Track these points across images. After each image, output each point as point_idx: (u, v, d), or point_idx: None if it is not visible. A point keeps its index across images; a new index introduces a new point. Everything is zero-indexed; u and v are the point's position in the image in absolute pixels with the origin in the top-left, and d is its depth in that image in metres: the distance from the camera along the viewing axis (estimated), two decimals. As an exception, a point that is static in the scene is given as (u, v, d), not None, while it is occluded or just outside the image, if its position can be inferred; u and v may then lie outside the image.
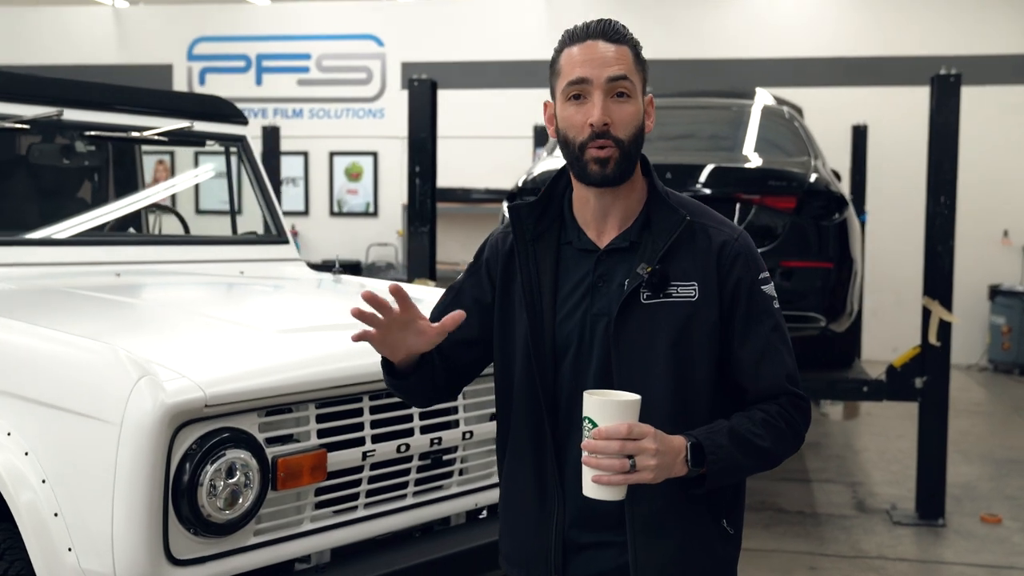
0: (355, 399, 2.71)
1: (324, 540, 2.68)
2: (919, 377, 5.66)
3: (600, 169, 1.86)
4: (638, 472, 1.71)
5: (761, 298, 1.92)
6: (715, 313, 1.89)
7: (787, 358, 1.93)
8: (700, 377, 1.89)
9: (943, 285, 5.69)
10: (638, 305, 1.87)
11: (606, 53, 1.86)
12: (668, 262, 1.88)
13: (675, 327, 1.87)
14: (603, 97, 1.85)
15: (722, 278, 1.90)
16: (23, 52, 12.74)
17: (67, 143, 3.89)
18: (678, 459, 1.76)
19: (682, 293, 1.88)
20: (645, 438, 1.71)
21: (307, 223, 12.61)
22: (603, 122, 1.84)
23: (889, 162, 10.62)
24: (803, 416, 1.94)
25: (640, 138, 1.90)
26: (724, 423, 1.85)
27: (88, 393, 2.36)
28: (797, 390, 1.93)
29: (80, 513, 2.34)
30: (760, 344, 1.91)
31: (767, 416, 1.88)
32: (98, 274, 3.52)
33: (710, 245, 1.91)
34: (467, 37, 12.20)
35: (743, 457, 1.84)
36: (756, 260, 1.95)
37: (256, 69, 12.82)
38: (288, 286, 3.88)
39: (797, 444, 1.94)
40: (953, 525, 5.58)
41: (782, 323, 1.95)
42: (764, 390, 1.91)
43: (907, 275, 9.54)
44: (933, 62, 7.30)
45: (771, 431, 1.87)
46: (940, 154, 5.69)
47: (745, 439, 1.84)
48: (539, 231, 1.98)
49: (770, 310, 1.93)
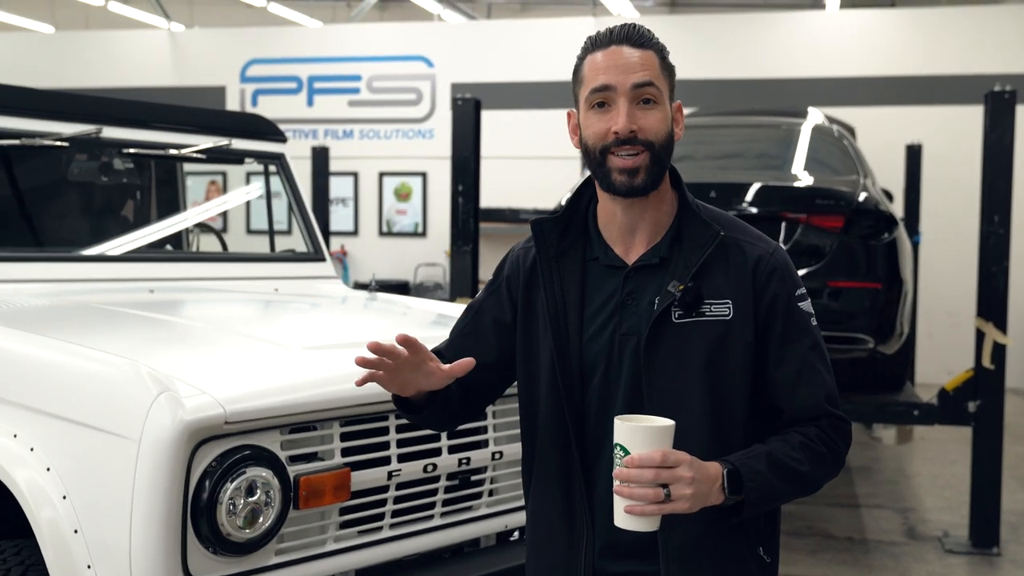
0: (381, 417, 2.67)
1: (348, 560, 2.63)
2: (972, 401, 5.51)
3: (627, 180, 1.79)
4: (673, 502, 1.63)
5: (799, 315, 1.84)
6: (750, 332, 1.81)
7: (826, 378, 1.85)
8: (736, 398, 1.82)
9: (997, 306, 5.55)
10: (670, 324, 1.80)
11: (631, 59, 1.80)
12: (701, 279, 1.80)
13: (709, 347, 1.80)
14: (628, 104, 1.78)
15: (757, 295, 1.82)
16: (81, 75, 12.98)
17: (106, 160, 3.91)
18: (715, 487, 1.69)
19: (716, 311, 1.80)
20: (681, 466, 1.63)
21: (356, 243, 12.67)
22: (629, 129, 1.77)
23: (944, 182, 10.42)
24: (844, 439, 1.85)
25: (670, 145, 1.83)
26: (761, 448, 1.78)
27: (109, 408, 2.34)
28: (837, 411, 1.85)
29: (99, 530, 2.32)
30: (797, 363, 1.82)
31: (806, 439, 1.80)
32: (132, 291, 3.53)
33: (745, 261, 1.83)
34: (517, 57, 12.22)
35: (781, 483, 1.76)
36: (793, 276, 1.87)
37: (308, 90, 12.93)
38: (321, 304, 3.86)
39: (837, 468, 1.86)
40: (1008, 554, 5.40)
41: (821, 341, 1.87)
42: (802, 411, 1.82)
43: (963, 297, 9.32)
44: (987, 80, 7.14)
45: (810, 455, 1.79)
46: (994, 172, 5.56)
47: (784, 464, 1.76)
48: (563, 247, 1.91)
49: (808, 328, 1.85)
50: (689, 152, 6.83)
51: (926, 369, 9.70)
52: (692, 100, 10.60)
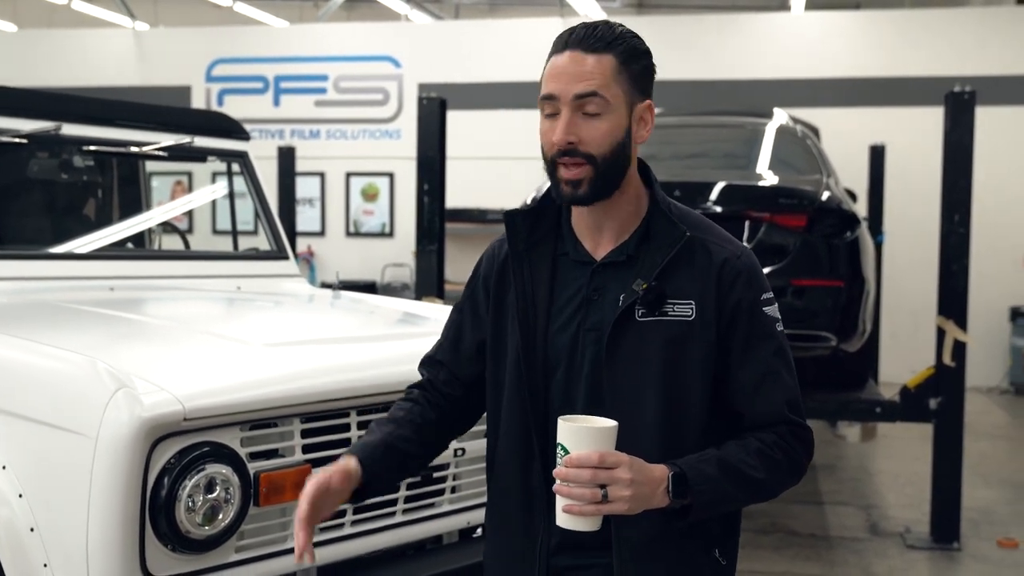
0: (342, 414, 2.67)
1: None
2: (933, 398, 5.56)
3: (571, 190, 1.78)
4: (611, 503, 1.63)
5: (763, 320, 1.82)
6: (712, 334, 1.80)
7: (789, 384, 1.83)
8: (693, 400, 1.80)
9: (958, 305, 5.61)
10: (633, 323, 1.79)
11: (578, 67, 1.75)
12: (666, 279, 1.79)
13: (669, 347, 1.78)
14: (571, 114, 1.75)
15: (721, 297, 1.80)
16: (45, 74, 12.83)
17: (66, 158, 3.87)
18: (659, 489, 1.68)
19: (679, 312, 1.79)
20: (619, 467, 1.63)
21: (323, 243, 12.62)
22: (565, 141, 1.75)
23: (908, 183, 10.52)
24: (804, 447, 1.83)
25: (618, 155, 1.79)
26: (714, 452, 1.76)
27: (66, 406, 2.33)
28: (798, 419, 1.82)
29: (56, 528, 2.30)
30: (760, 369, 1.81)
31: (763, 446, 1.78)
32: (92, 289, 3.50)
33: (711, 262, 1.81)
34: (484, 58, 12.21)
35: (733, 488, 1.75)
36: (759, 280, 1.85)
37: (274, 90, 12.87)
38: (283, 302, 3.85)
39: (796, 476, 1.84)
40: (969, 549, 5.47)
41: (785, 347, 1.85)
42: (762, 417, 1.81)
43: (926, 296, 9.42)
44: (949, 82, 7.21)
45: (766, 462, 1.77)
46: (955, 172, 5.62)
47: (736, 469, 1.75)
48: (533, 240, 1.90)
49: (773, 333, 1.83)
50: (654, 152, 6.85)
51: (890, 368, 9.79)
52: (658, 100, 10.56)
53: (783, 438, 1.80)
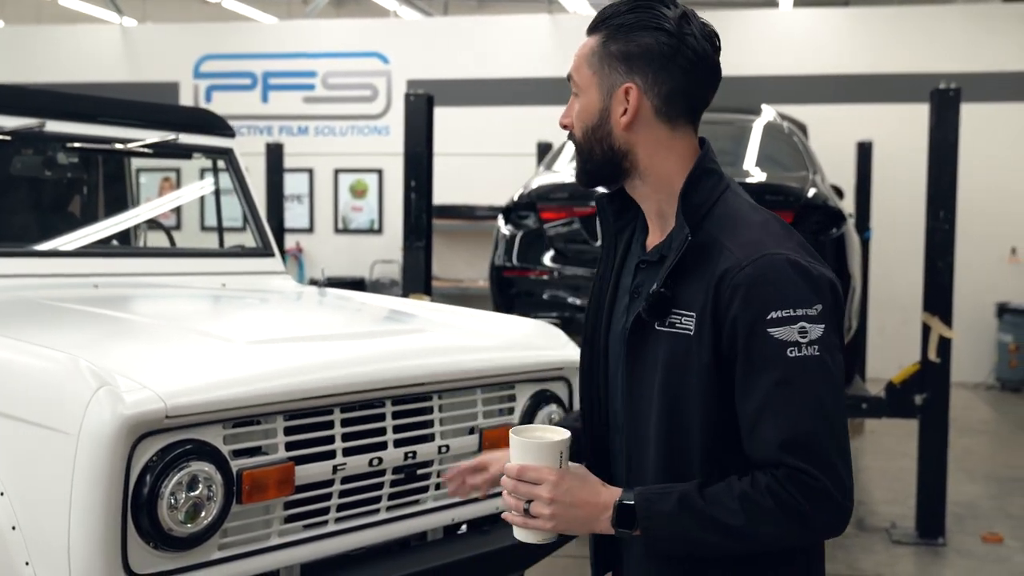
0: (326, 411, 2.67)
1: (293, 555, 2.63)
2: (919, 394, 5.59)
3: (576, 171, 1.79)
4: (535, 518, 1.63)
5: (764, 344, 1.56)
6: (708, 354, 1.60)
7: (793, 421, 1.55)
8: (691, 424, 1.63)
9: (943, 301, 5.63)
10: (650, 330, 1.66)
11: (578, 49, 1.76)
12: (677, 285, 1.63)
13: (669, 362, 1.64)
14: (571, 96, 1.77)
15: (719, 314, 1.59)
16: (32, 70, 12.78)
17: (50, 155, 3.86)
18: (602, 515, 1.61)
19: (683, 324, 1.62)
20: (541, 484, 1.61)
21: (312, 240, 12.60)
22: (561, 123, 1.78)
23: (895, 179, 10.55)
24: (805, 494, 1.54)
25: (592, 137, 1.70)
26: (685, 487, 1.60)
27: (47, 403, 2.32)
28: (801, 463, 1.54)
29: (38, 526, 2.30)
30: (757, 401, 1.57)
31: (751, 489, 1.56)
32: (76, 286, 3.49)
33: (715, 271, 1.61)
34: (472, 55, 12.20)
35: (699, 531, 1.57)
36: (766, 294, 1.57)
37: (262, 87, 12.84)
38: (268, 299, 3.84)
39: (801, 528, 1.57)
40: (954, 544, 5.49)
41: (795, 377, 1.55)
42: (758, 456, 1.58)
43: (913, 292, 9.48)
44: (937, 79, 7.24)
45: (748, 508, 1.55)
46: (940, 168, 5.64)
47: (703, 511, 1.56)
48: (620, 226, 1.83)
49: (776, 360, 1.55)
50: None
51: (877, 364, 9.82)
52: (647, 97, 10.63)
53: (780, 482, 1.55)
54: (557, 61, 11.91)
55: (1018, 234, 11.05)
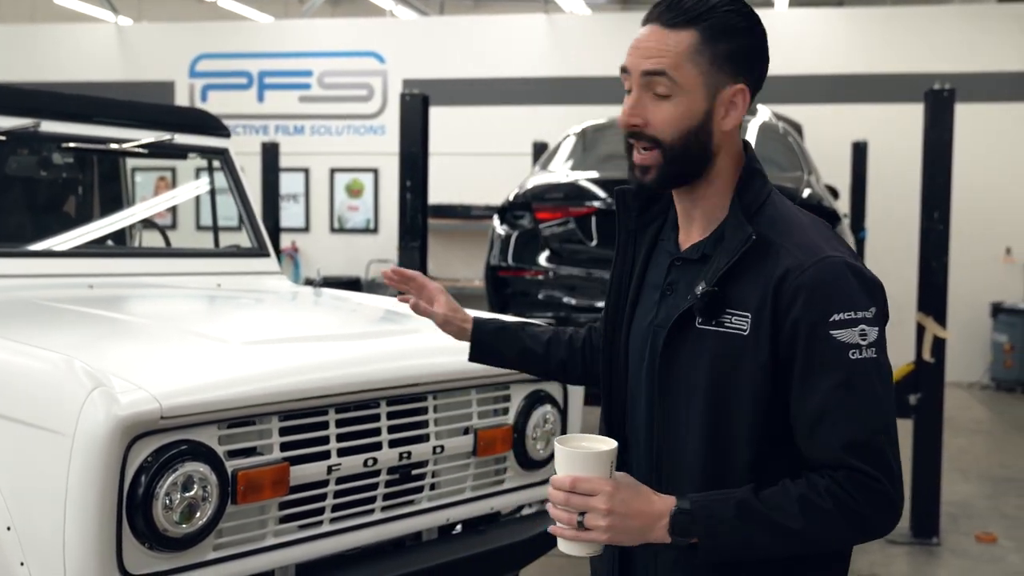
0: (321, 412, 2.67)
1: (288, 555, 2.64)
2: (913, 394, 5.60)
3: (639, 176, 1.68)
4: (589, 531, 1.55)
5: (826, 346, 1.56)
6: (765, 354, 1.59)
7: (855, 423, 1.56)
8: (740, 425, 1.61)
9: (937, 301, 5.64)
10: (693, 329, 1.64)
11: (652, 42, 1.62)
12: (729, 284, 1.61)
13: (719, 362, 1.61)
14: (639, 92, 1.64)
15: (779, 315, 1.58)
16: (27, 69, 12.79)
17: (45, 155, 3.86)
18: (657, 523, 1.55)
19: (735, 324, 1.61)
20: (597, 495, 1.54)
21: (308, 239, 12.60)
22: (626, 122, 1.65)
23: (890, 179, 10.58)
24: (866, 496, 1.55)
25: (692, 141, 1.63)
26: (741, 493, 1.57)
27: (42, 404, 2.32)
28: (863, 465, 1.54)
29: (33, 527, 2.30)
30: (818, 403, 1.56)
31: (809, 491, 1.55)
32: (70, 286, 3.49)
33: (774, 272, 1.59)
34: (468, 54, 12.21)
35: (759, 535, 1.55)
36: (826, 297, 1.57)
37: (258, 86, 12.84)
38: (264, 299, 3.85)
39: (861, 531, 1.58)
40: (948, 544, 5.51)
41: (860, 379, 1.56)
42: (817, 458, 1.58)
43: (908, 292, 9.52)
44: (932, 79, 7.25)
45: (808, 510, 1.54)
46: (934, 169, 5.65)
47: (762, 515, 1.54)
48: (643, 222, 1.81)
49: (838, 362, 1.55)
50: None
51: (872, 363, 9.82)
52: (642, 97, 10.64)
53: (840, 485, 1.55)
54: (553, 61, 11.93)
55: (1013, 234, 11.08)
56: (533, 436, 3.24)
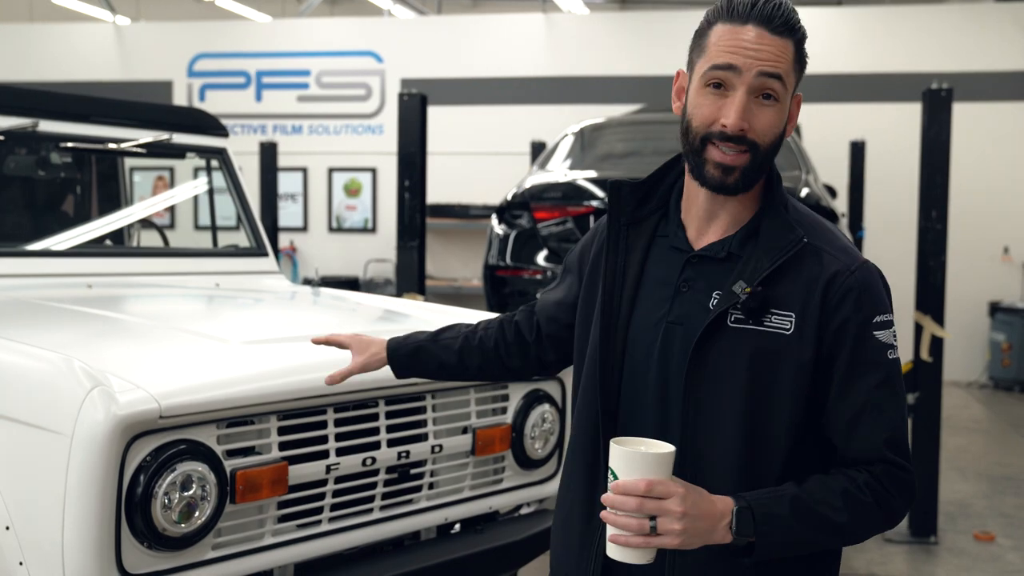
0: (319, 411, 2.68)
1: (287, 554, 2.64)
2: (911, 393, 5.60)
3: (721, 176, 1.65)
4: (660, 536, 1.51)
5: (871, 345, 1.63)
6: (809, 353, 1.63)
7: (892, 420, 1.64)
8: (778, 422, 1.64)
9: (935, 300, 5.65)
10: (725, 328, 1.64)
11: (764, 45, 1.63)
12: (769, 285, 1.64)
13: (759, 360, 1.63)
14: (746, 96, 1.62)
15: (826, 315, 1.63)
16: (25, 68, 12.79)
17: (43, 155, 3.86)
18: (720, 524, 1.55)
19: (776, 323, 1.63)
20: (670, 498, 1.50)
21: (305, 239, 12.60)
22: (739, 127, 1.62)
23: (888, 178, 10.59)
24: (901, 490, 1.64)
25: (778, 146, 1.68)
26: (791, 489, 1.60)
27: (41, 404, 2.33)
28: (898, 459, 1.63)
29: (32, 526, 2.30)
30: (860, 400, 1.63)
31: (851, 486, 1.61)
32: (70, 286, 3.49)
33: (820, 274, 1.64)
34: (466, 54, 12.21)
35: (807, 530, 1.59)
36: (872, 299, 1.65)
37: (256, 85, 12.84)
38: (262, 299, 3.85)
39: (889, 522, 1.66)
40: (946, 543, 5.51)
41: (895, 377, 1.65)
42: (857, 454, 1.64)
43: (906, 291, 9.54)
44: (930, 78, 7.26)
45: (852, 504, 1.60)
46: (932, 168, 5.66)
47: (812, 511, 1.59)
48: (638, 217, 1.79)
49: (880, 361, 1.64)
50: (637, 148, 6.89)
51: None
52: (640, 96, 10.66)
53: (877, 479, 1.62)
54: (551, 60, 11.94)
55: (1011, 233, 11.09)
56: (531, 435, 3.25)
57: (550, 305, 2.00)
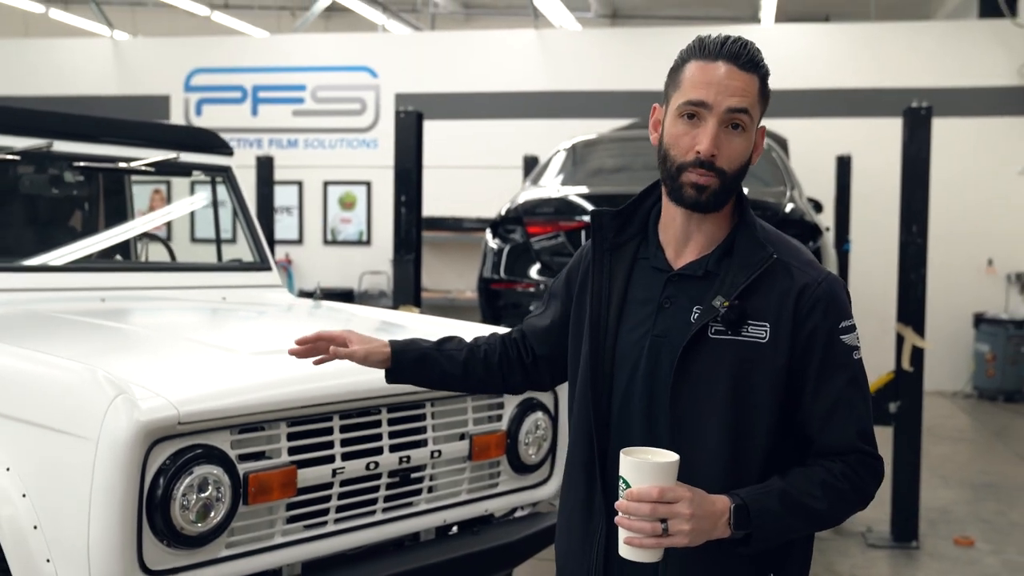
0: (326, 418, 2.83)
1: (295, 553, 2.80)
2: (893, 402, 5.77)
3: (696, 194, 1.82)
4: (671, 536, 1.67)
5: (839, 349, 1.83)
6: (783, 359, 1.81)
7: (861, 413, 1.84)
8: (759, 424, 1.82)
9: (916, 312, 5.81)
10: (706, 340, 1.81)
11: (733, 81, 1.82)
12: (745, 298, 1.81)
13: (738, 368, 1.81)
14: (717, 126, 1.80)
15: (797, 324, 1.82)
16: (23, 84, 12.92)
17: (56, 173, 4.02)
18: (720, 521, 1.72)
19: (753, 333, 1.81)
20: (680, 502, 1.67)
21: (301, 252, 12.74)
22: (711, 153, 1.80)
23: (873, 192, 10.75)
24: (872, 476, 1.85)
25: (743, 172, 1.86)
26: (777, 483, 1.79)
27: (67, 411, 2.48)
28: (868, 448, 1.84)
29: (58, 526, 2.45)
30: (832, 398, 1.82)
31: (829, 476, 1.80)
32: (84, 299, 3.65)
33: (791, 286, 1.83)
34: (460, 69, 12.38)
35: (794, 520, 1.78)
36: (838, 308, 1.85)
37: (252, 100, 12.99)
38: (267, 311, 4.01)
39: (862, 505, 1.87)
40: (927, 548, 5.67)
41: (861, 376, 1.86)
42: (831, 445, 1.83)
43: (890, 303, 9.71)
44: (914, 94, 7.45)
45: (830, 493, 1.80)
46: (912, 184, 5.83)
47: (798, 502, 1.78)
48: (619, 242, 1.97)
49: (848, 362, 1.84)
50: (627, 163, 7.04)
51: (857, 373, 9.98)
52: (631, 111, 10.82)
53: (852, 468, 1.82)
54: (544, 75, 12.11)
55: (995, 246, 11.27)
56: (525, 442, 3.41)
57: (540, 331, 2.16)
